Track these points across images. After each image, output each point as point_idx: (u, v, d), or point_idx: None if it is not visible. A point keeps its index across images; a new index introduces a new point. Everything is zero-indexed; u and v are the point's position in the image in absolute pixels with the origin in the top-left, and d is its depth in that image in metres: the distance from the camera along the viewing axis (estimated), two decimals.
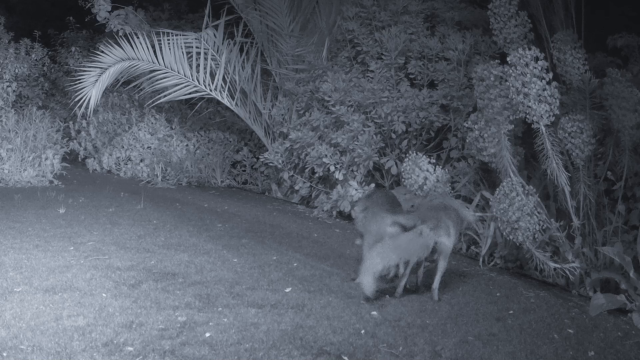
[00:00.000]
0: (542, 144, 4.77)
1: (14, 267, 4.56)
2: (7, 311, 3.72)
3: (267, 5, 8.28)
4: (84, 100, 8.01)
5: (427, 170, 5.43)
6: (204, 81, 8.53)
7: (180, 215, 6.76)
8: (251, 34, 8.84)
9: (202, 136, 9.58)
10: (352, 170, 7.07)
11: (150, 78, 8.57)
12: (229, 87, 8.67)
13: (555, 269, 4.80)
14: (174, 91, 8.53)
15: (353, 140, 6.91)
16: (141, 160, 9.52)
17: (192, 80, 8.49)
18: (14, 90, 9.22)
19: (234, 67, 8.66)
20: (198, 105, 9.65)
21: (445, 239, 4.35)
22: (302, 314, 3.94)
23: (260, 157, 8.55)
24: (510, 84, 4.57)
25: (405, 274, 4.44)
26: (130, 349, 3.33)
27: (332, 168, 7.13)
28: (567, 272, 4.77)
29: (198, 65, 8.55)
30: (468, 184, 6.23)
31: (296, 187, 8.03)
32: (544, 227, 4.81)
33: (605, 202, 5.14)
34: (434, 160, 5.60)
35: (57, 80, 11.22)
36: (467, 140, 5.50)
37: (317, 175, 7.51)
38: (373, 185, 6.93)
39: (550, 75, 4.57)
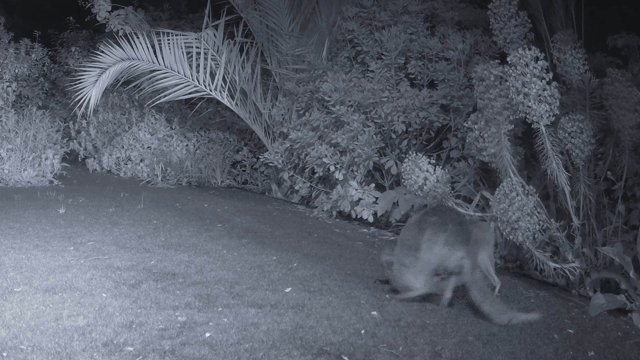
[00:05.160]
0: (542, 144, 4.77)
1: (14, 267, 4.56)
2: (7, 311, 3.72)
3: (267, 5, 8.27)
4: (84, 100, 8.00)
5: (427, 171, 5.42)
6: (204, 81, 8.53)
7: (180, 215, 6.76)
8: (251, 34, 8.83)
9: (202, 136, 9.57)
10: (352, 170, 7.07)
11: (150, 78, 8.57)
12: (229, 87, 8.67)
13: (555, 269, 4.80)
14: (174, 91, 8.52)
15: (353, 140, 6.91)
16: (141, 160, 9.52)
17: (192, 80, 8.49)
18: (14, 90, 9.22)
19: (234, 67, 8.66)
20: (198, 105, 9.64)
21: None
22: (302, 314, 3.95)
23: (260, 157, 8.55)
24: (510, 84, 4.57)
25: None
26: (130, 349, 3.33)
27: (332, 168, 7.13)
28: (567, 272, 4.77)
29: (198, 65, 8.55)
30: (468, 184, 6.23)
31: (296, 187, 8.03)
32: (544, 227, 4.81)
33: (605, 202, 5.14)
34: (434, 161, 5.60)
35: (57, 80, 11.22)
36: (467, 140, 5.50)
37: (317, 175, 7.51)
38: (373, 185, 6.94)
39: (550, 75, 4.57)
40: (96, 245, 5.30)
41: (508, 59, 4.63)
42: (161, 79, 8.45)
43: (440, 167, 5.53)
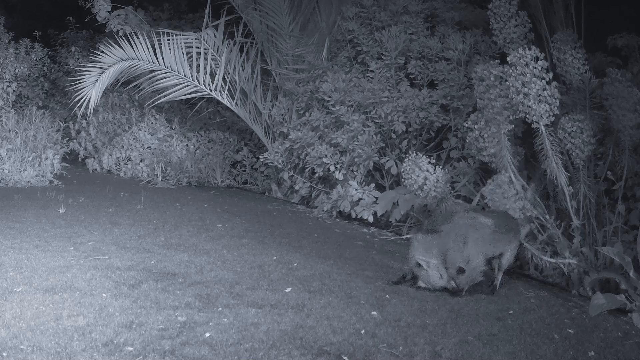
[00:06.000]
0: (542, 143, 4.77)
1: (14, 267, 4.56)
2: (7, 311, 3.72)
3: (267, 5, 8.28)
4: (84, 100, 8.00)
5: (427, 171, 5.43)
6: (204, 81, 8.53)
7: (180, 215, 6.75)
8: (251, 34, 8.83)
9: (202, 136, 9.58)
10: (352, 170, 7.07)
11: (150, 78, 8.57)
12: (229, 87, 8.67)
13: (550, 264, 4.82)
14: (174, 91, 8.52)
15: (353, 140, 6.91)
16: (141, 160, 9.52)
17: (192, 80, 8.49)
18: (14, 90, 9.22)
19: (234, 67, 8.66)
20: (198, 105, 9.65)
21: None
22: (302, 314, 3.95)
23: (260, 157, 8.55)
24: (510, 84, 4.58)
25: None
26: (130, 349, 3.33)
27: (332, 168, 7.13)
28: (565, 270, 4.78)
29: (198, 65, 8.55)
30: (468, 184, 6.23)
31: (296, 187, 8.03)
32: (541, 224, 4.83)
33: (605, 202, 5.14)
34: (434, 160, 5.60)
35: (57, 80, 11.22)
36: (467, 140, 5.50)
37: (317, 175, 7.51)
38: (373, 185, 6.93)
39: (550, 75, 4.58)
40: (96, 245, 5.30)
41: (508, 58, 4.64)
42: (161, 79, 8.45)
43: (440, 167, 5.54)
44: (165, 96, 8.55)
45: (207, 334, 3.56)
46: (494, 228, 4.60)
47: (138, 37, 8.33)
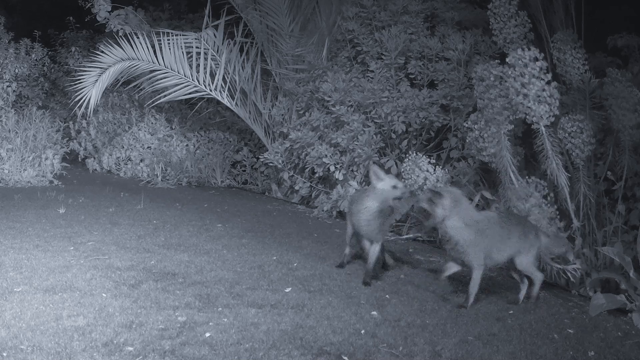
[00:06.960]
0: (542, 144, 4.77)
1: (14, 267, 4.56)
2: (7, 311, 3.72)
3: (267, 5, 8.28)
4: (84, 100, 8.00)
5: (427, 171, 5.44)
6: (204, 81, 8.53)
7: (180, 215, 6.76)
8: (251, 34, 8.84)
9: (202, 136, 9.58)
10: (352, 170, 7.07)
11: (150, 78, 8.57)
12: (229, 87, 8.67)
13: (557, 270, 4.81)
14: (174, 91, 8.52)
15: (353, 140, 6.91)
16: (141, 160, 9.52)
17: (192, 80, 8.49)
18: (14, 90, 9.22)
19: (234, 67, 8.67)
20: (198, 105, 9.65)
21: None
22: (302, 314, 3.95)
23: (260, 157, 8.55)
24: (510, 85, 4.58)
25: None
26: (130, 349, 3.33)
27: (332, 168, 7.13)
28: (569, 273, 4.78)
29: (198, 65, 8.55)
30: (468, 184, 6.23)
31: (296, 187, 8.03)
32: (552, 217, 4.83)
33: (605, 202, 5.14)
34: (434, 160, 5.60)
35: (57, 80, 11.22)
36: (467, 140, 5.50)
37: (317, 175, 7.51)
38: None
39: (550, 75, 4.58)
40: (96, 245, 5.30)
41: (507, 59, 4.64)
42: (161, 79, 8.45)
43: (440, 167, 5.54)
44: (165, 96, 8.55)
45: (207, 334, 3.56)
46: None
47: (138, 37, 8.33)
